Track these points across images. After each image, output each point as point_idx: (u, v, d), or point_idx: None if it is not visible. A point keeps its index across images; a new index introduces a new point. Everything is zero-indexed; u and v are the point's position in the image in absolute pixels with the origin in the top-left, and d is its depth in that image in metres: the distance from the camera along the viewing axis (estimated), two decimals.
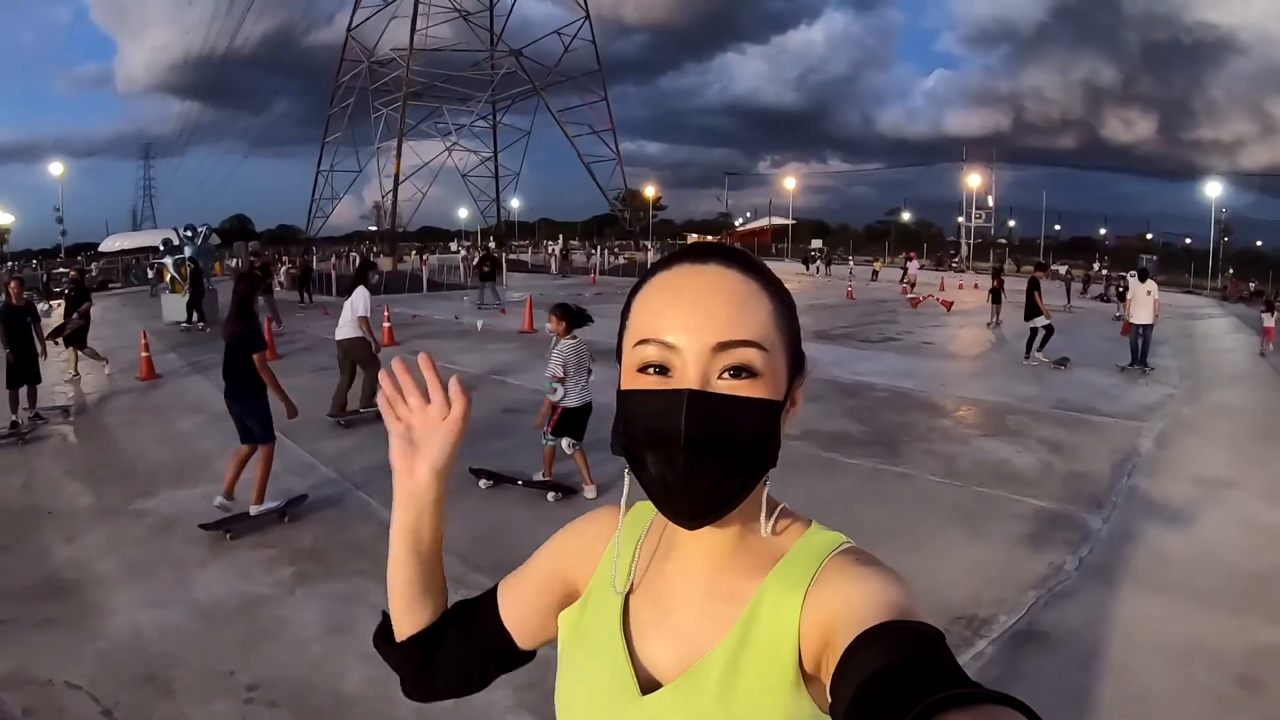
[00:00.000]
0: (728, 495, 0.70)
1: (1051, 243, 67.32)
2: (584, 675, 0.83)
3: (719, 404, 0.68)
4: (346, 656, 3.59)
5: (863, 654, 0.60)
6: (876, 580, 0.69)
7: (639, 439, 0.71)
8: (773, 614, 0.73)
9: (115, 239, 37.35)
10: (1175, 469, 6.89)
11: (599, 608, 0.85)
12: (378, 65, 53.15)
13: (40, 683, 3.45)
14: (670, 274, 0.74)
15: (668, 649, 0.78)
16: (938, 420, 8.42)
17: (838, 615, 0.67)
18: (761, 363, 0.70)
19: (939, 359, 13.01)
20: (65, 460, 7.08)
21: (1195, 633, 3.98)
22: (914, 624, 0.62)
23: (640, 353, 0.72)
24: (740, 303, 0.71)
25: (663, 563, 0.83)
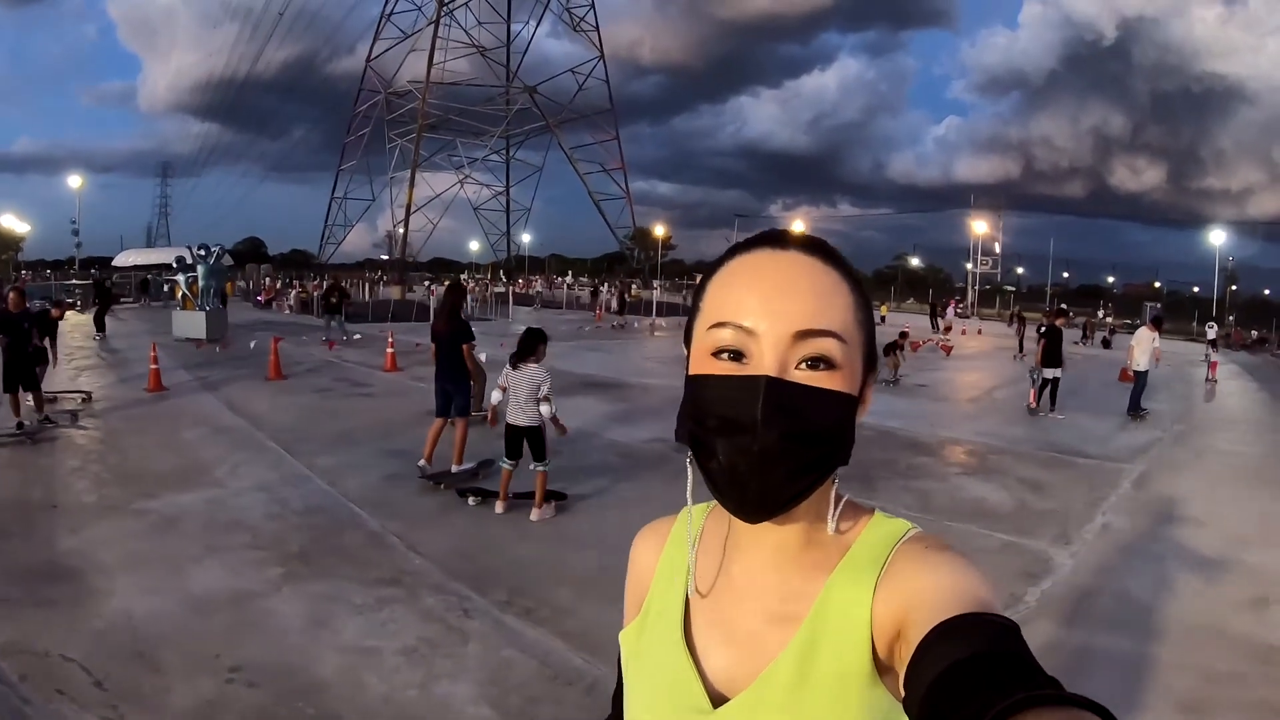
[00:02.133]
0: (799, 490, 0.68)
1: (1059, 290, 67.64)
2: (651, 691, 0.81)
3: (798, 394, 0.66)
4: (325, 648, 3.81)
5: (937, 648, 0.58)
6: (949, 569, 0.68)
7: (710, 426, 0.69)
8: (842, 610, 0.71)
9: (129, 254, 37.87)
10: (1150, 509, 7.01)
11: (660, 620, 0.83)
12: (395, 96, 54.28)
13: (37, 653, 3.68)
14: (750, 258, 0.72)
15: (735, 657, 0.76)
16: (919, 458, 8.59)
17: (910, 606, 0.66)
18: (841, 355, 0.68)
19: (931, 401, 13.17)
20: (72, 461, 7.33)
21: (1147, 667, 4.08)
22: (989, 616, 0.60)
23: (715, 336, 0.70)
24: (822, 292, 0.69)
25: (724, 567, 0.81)
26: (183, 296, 18.05)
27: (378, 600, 4.35)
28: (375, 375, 13.39)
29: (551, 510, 6.00)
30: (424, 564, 4.94)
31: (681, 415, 0.73)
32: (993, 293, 58.96)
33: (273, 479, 6.73)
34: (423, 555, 5.07)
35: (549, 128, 58.85)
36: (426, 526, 5.64)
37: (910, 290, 65.99)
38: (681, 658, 0.78)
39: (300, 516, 5.78)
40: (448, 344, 7.24)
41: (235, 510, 5.85)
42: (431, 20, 51.70)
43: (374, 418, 9.59)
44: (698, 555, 0.83)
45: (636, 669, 0.84)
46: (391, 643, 3.87)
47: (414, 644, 3.86)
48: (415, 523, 5.70)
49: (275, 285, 38.98)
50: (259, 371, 12.87)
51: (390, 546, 5.25)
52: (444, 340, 7.28)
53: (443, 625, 4.09)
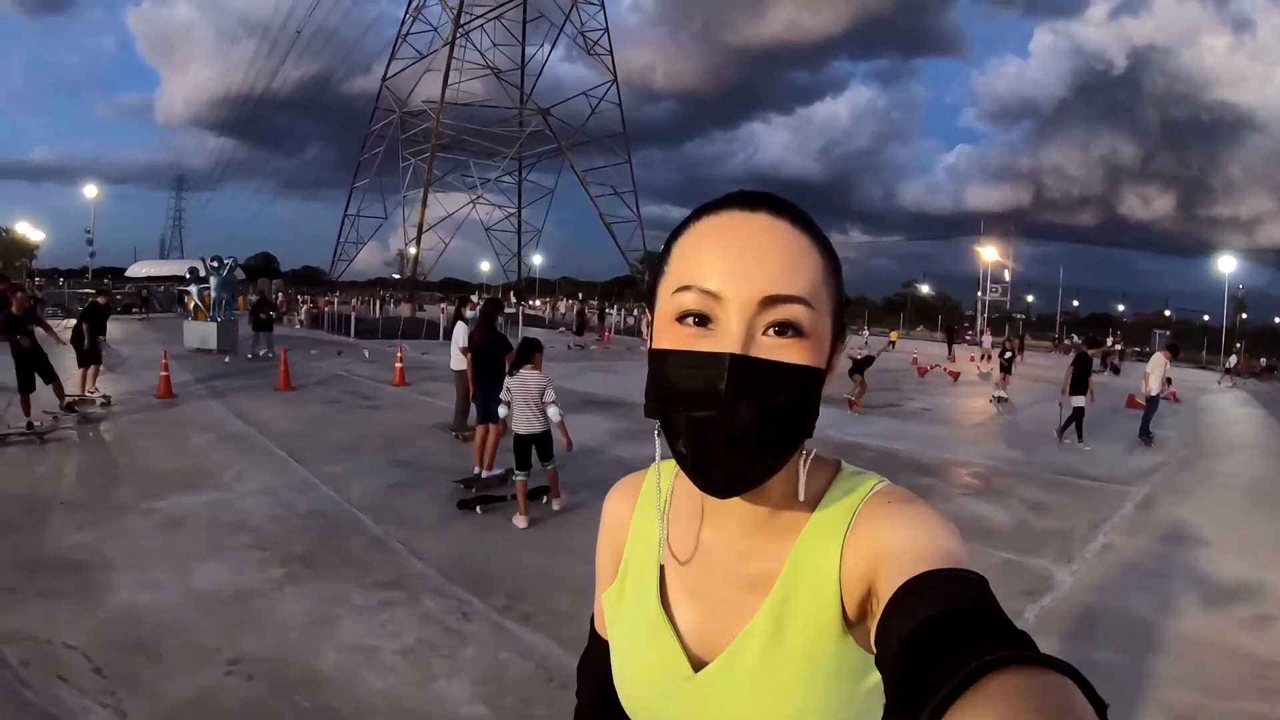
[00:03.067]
0: (765, 468, 0.68)
1: (1069, 318, 67.57)
2: (634, 654, 0.81)
3: (764, 370, 0.65)
4: (324, 645, 3.84)
5: (907, 605, 0.58)
6: (916, 522, 0.67)
7: (675, 403, 0.67)
8: (811, 568, 0.71)
9: (142, 265, 38.35)
10: (1152, 529, 6.99)
11: (636, 583, 0.84)
12: (409, 116, 54.84)
13: (39, 640, 3.74)
14: (717, 219, 0.70)
15: (711, 621, 0.77)
16: (921, 479, 8.57)
17: (879, 560, 0.66)
18: (809, 321, 0.67)
19: (935, 424, 13.15)
20: (81, 461, 7.42)
21: (1145, 681, 4.08)
22: (958, 571, 0.60)
23: (679, 300, 0.68)
24: (791, 256, 0.67)
25: (696, 528, 0.80)
26: (195, 307, 18.21)
27: (378, 602, 4.38)
28: (384, 389, 13.46)
29: (568, 497, 6.29)
30: (425, 568, 4.97)
31: (648, 390, 0.72)
32: (1002, 321, 58.83)
33: (278, 484, 6.78)
34: (424, 560, 5.10)
35: (561, 150, 59.30)
36: (429, 533, 5.67)
37: (920, 318, 66.00)
38: (660, 622, 0.79)
39: (304, 520, 5.82)
40: (485, 354, 7.65)
41: (240, 512, 5.90)
42: (447, 41, 52.32)
43: (380, 429, 9.65)
44: (669, 519, 0.83)
45: (619, 632, 0.85)
46: (390, 642, 3.89)
47: (412, 644, 3.89)
48: (418, 529, 5.73)
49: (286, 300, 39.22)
50: (268, 382, 12.97)
51: (392, 551, 5.28)
52: (481, 351, 7.72)
53: (441, 627, 4.11)
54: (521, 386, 5.90)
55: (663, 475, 0.86)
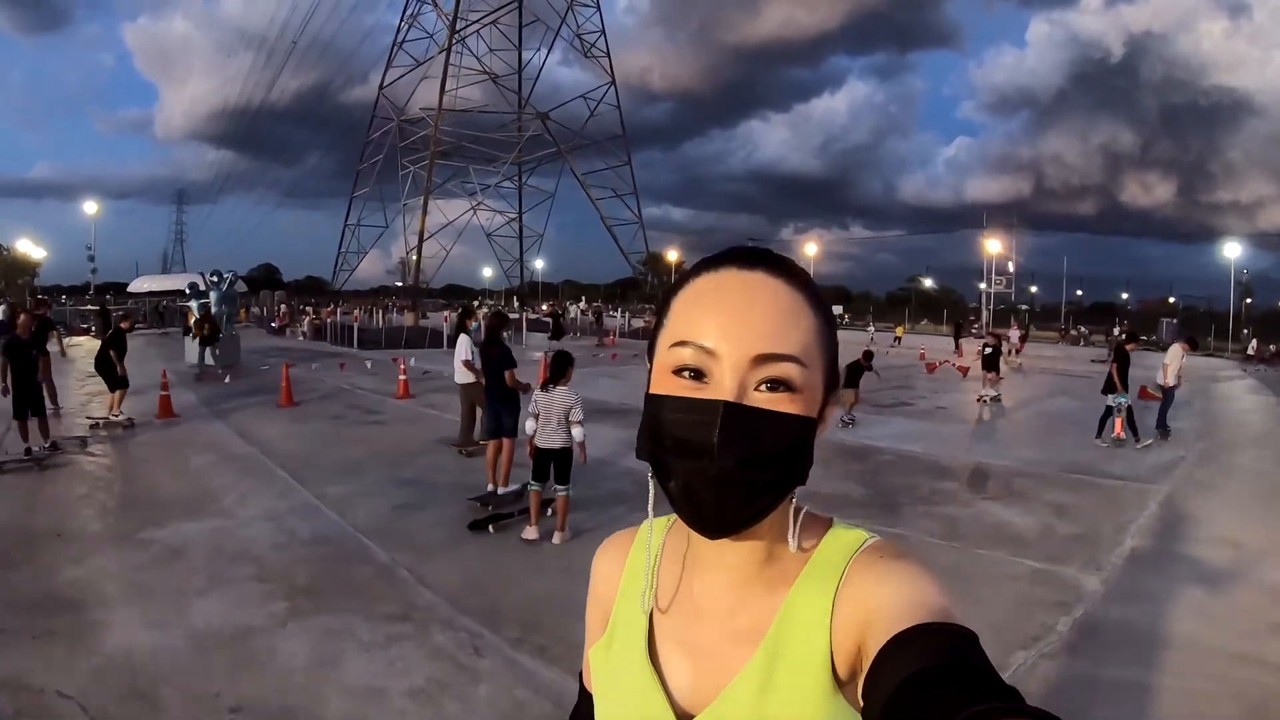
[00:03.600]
0: (756, 511, 0.68)
1: (1073, 308, 67.31)
2: (621, 707, 0.81)
3: (755, 418, 0.67)
4: (328, 687, 3.66)
5: (894, 659, 0.59)
6: (906, 578, 0.68)
7: (668, 447, 0.69)
8: (801, 624, 0.71)
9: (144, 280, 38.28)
10: (1179, 530, 6.82)
11: (624, 637, 0.83)
12: (407, 124, 54.75)
13: (33, 690, 3.57)
14: (715, 276, 0.72)
15: (699, 674, 0.76)
16: (941, 483, 8.39)
17: (869, 617, 0.66)
18: (800, 378, 0.68)
19: (951, 423, 12.94)
20: (78, 488, 7.25)
21: (1189, 694, 3.91)
22: (946, 625, 0.60)
23: (676, 354, 0.70)
24: (785, 315, 0.69)
25: (686, 581, 0.81)
26: (195, 322, 18.08)
27: (386, 637, 4.20)
28: (387, 402, 13.30)
29: (570, 533, 6.01)
30: (434, 598, 4.78)
31: (642, 433, 0.73)
32: (1007, 312, 58.57)
33: (281, 508, 6.60)
34: (432, 589, 4.92)
35: (561, 154, 59.16)
36: (437, 558, 5.49)
37: (924, 312, 65.76)
38: (646, 675, 0.78)
39: (308, 547, 5.65)
40: (493, 367, 7.43)
41: (242, 540, 5.73)
42: (443, 48, 52.23)
43: (385, 445, 9.48)
44: (660, 571, 0.84)
45: (605, 686, 0.84)
46: (399, 683, 3.71)
47: (422, 684, 3.70)
48: (426, 554, 5.55)
49: (289, 312, 39.14)
50: (270, 398, 12.81)
51: (400, 579, 5.10)
52: (491, 362, 7.49)
53: (453, 664, 3.92)
54: (549, 402, 5.87)
55: (654, 530, 0.86)
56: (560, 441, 5.87)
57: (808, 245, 70.64)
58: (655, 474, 0.72)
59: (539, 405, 5.92)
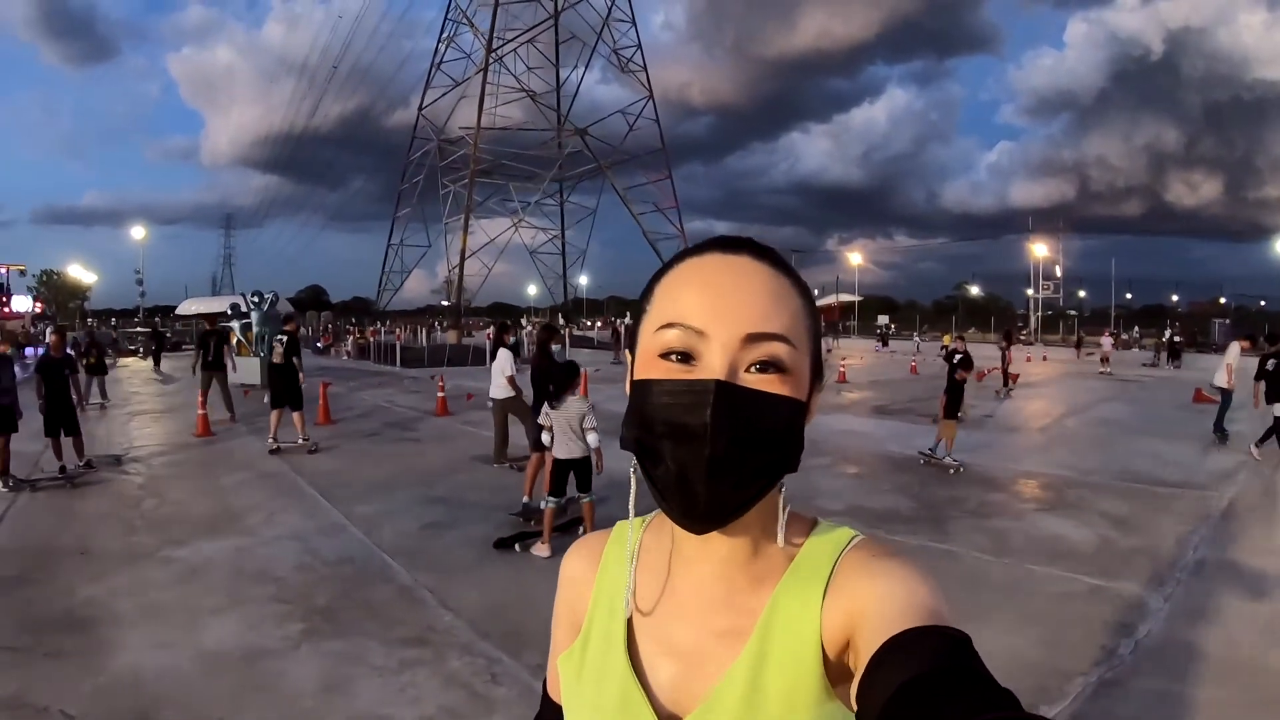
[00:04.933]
0: (747, 497, 0.67)
1: (1123, 311, 65.56)
2: (597, 716, 0.77)
3: (749, 398, 0.65)
4: (335, 715, 3.49)
5: (890, 663, 0.57)
6: (897, 578, 0.66)
7: (658, 432, 0.67)
8: (789, 622, 0.69)
9: (191, 303, 39.06)
10: (1246, 540, 6.39)
11: (601, 641, 0.80)
12: (447, 143, 55.36)
13: (37, 708, 3.52)
14: (700, 261, 0.71)
15: (683, 675, 0.73)
16: (991, 495, 8.01)
17: (861, 616, 0.65)
18: (790, 359, 0.67)
19: (999, 432, 12.46)
20: (107, 506, 7.26)
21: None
22: (939, 629, 0.59)
23: (662, 337, 0.68)
24: (772, 296, 0.68)
25: (666, 581, 0.78)
26: (237, 343, 18.31)
27: (400, 662, 4.02)
28: (425, 420, 13.25)
29: None
30: (454, 621, 4.60)
31: (627, 421, 0.71)
32: (1055, 318, 57.27)
33: (307, 527, 6.50)
34: (453, 611, 4.74)
35: (601, 169, 59.25)
36: (461, 579, 5.32)
37: (971, 320, 64.60)
38: (627, 679, 0.75)
39: (330, 567, 5.52)
40: (541, 381, 7.28)
41: (263, 560, 5.63)
42: (481, 68, 52.75)
43: (419, 464, 9.38)
44: (638, 572, 0.81)
45: (578, 694, 0.80)
46: (409, 711, 3.52)
47: (433, 713, 3.51)
48: (449, 575, 5.38)
49: (334, 331, 39.68)
50: (308, 417, 12.82)
51: (420, 601, 4.93)
52: (539, 377, 7.39)
53: (467, 692, 3.72)
54: (563, 413, 5.83)
55: (631, 528, 0.83)
56: (579, 451, 5.85)
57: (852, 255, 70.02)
58: (642, 463, 0.69)
59: (550, 417, 5.88)
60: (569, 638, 0.85)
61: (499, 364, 9.05)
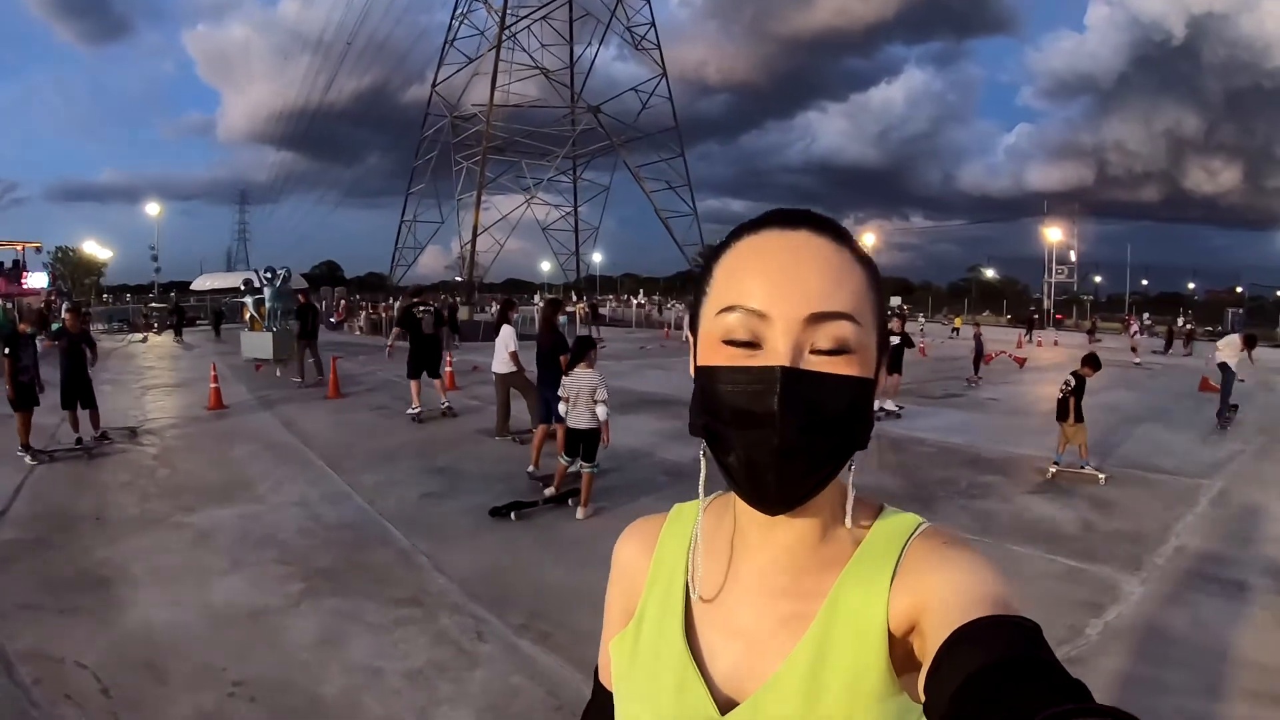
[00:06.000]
0: (819, 480, 0.66)
1: (1139, 298, 65.03)
2: (653, 701, 0.76)
3: (814, 382, 0.64)
4: (330, 666, 3.73)
5: (957, 654, 0.56)
6: (966, 566, 0.65)
7: (725, 420, 0.66)
8: (855, 608, 0.69)
9: (206, 278, 39.46)
10: (1229, 529, 6.49)
11: (657, 625, 0.79)
12: (460, 120, 55.13)
13: (54, 659, 3.75)
14: (757, 238, 0.69)
15: (743, 660, 0.73)
16: (982, 476, 8.14)
17: (929, 604, 0.64)
18: (856, 338, 0.65)
19: (999, 415, 12.52)
20: (122, 475, 7.51)
21: (1222, 710, 3.68)
22: (1009, 619, 0.58)
23: (723, 322, 0.67)
24: (834, 273, 0.66)
25: (728, 564, 0.77)
26: (250, 318, 18.57)
27: (394, 620, 4.25)
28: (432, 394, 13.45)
29: (592, 509, 6.29)
30: (447, 583, 4.83)
31: (694, 408, 0.70)
32: (1069, 302, 56.90)
33: (313, 495, 6.74)
34: (446, 574, 4.96)
35: (614, 147, 58.95)
36: (456, 545, 5.54)
37: (985, 302, 64.24)
38: (685, 662, 0.75)
39: (332, 532, 5.76)
40: (547, 354, 7.64)
41: (269, 525, 5.87)
42: (494, 45, 52.52)
43: (424, 436, 9.62)
44: (697, 553, 0.80)
45: (632, 678, 0.80)
46: (399, 664, 3.75)
47: (421, 666, 3.74)
48: (446, 541, 5.61)
49: (347, 307, 39.94)
50: (319, 390, 13.09)
51: (417, 565, 5.16)
52: (544, 351, 7.69)
53: (454, 648, 3.95)
54: (576, 384, 6.13)
55: (689, 511, 0.85)
56: (588, 422, 6.13)
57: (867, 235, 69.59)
58: (711, 449, 0.69)
59: (567, 389, 6.17)
60: (621, 622, 0.85)
61: (501, 339, 9.26)
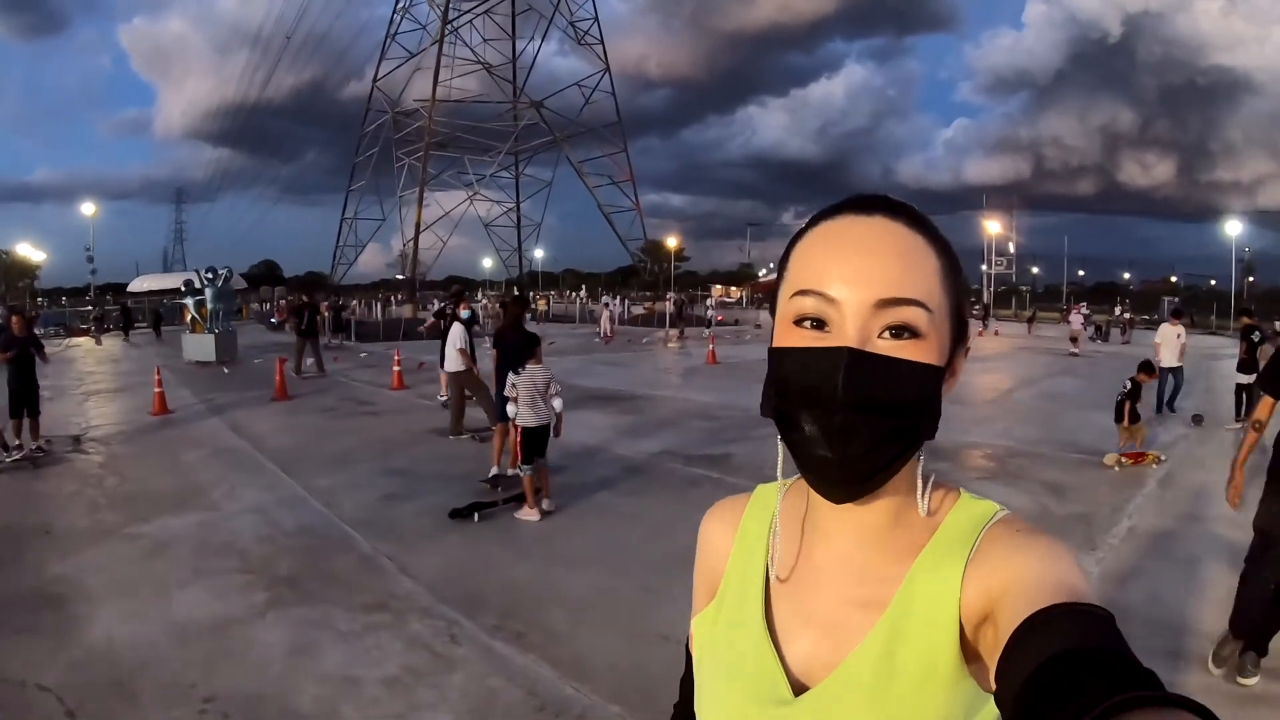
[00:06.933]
0: (881, 464, 0.66)
1: (1076, 289, 67.17)
2: (729, 679, 0.78)
3: (880, 365, 0.65)
4: (304, 677, 3.66)
5: (1030, 641, 0.56)
6: (1041, 554, 0.65)
7: (793, 399, 0.67)
8: (929, 595, 0.69)
9: (143, 280, 38.22)
10: (1177, 509, 6.74)
11: (738, 605, 0.81)
12: (402, 116, 54.32)
13: (13, 683, 3.60)
14: (834, 224, 0.70)
15: (817, 644, 0.74)
16: (933, 464, 7.94)
17: (1001, 592, 0.64)
18: (925, 323, 0.66)
19: (947, 404, 12.71)
20: (69, 485, 7.27)
21: (1185, 680, 3.83)
22: (1083, 606, 0.58)
23: (797, 304, 0.69)
24: (905, 258, 0.67)
25: (806, 548, 0.79)
26: (192, 320, 18.08)
27: (364, 626, 4.20)
28: (381, 393, 13.31)
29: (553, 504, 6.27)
30: (414, 586, 4.78)
31: (766, 388, 0.71)
32: (1008, 294, 58.45)
33: (268, 500, 6.60)
34: (413, 577, 4.91)
35: (557, 142, 58.72)
36: (420, 547, 5.49)
37: None
38: (763, 644, 0.76)
39: (292, 538, 5.65)
40: (511, 353, 7.27)
41: (227, 533, 5.73)
42: (436, 39, 51.88)
43: (376, 436, 9.48)
44: (777, 535, 0.82)
45: (712, 655, 0.82)
46: (374, 671, 3.70)
47: (397, 673, 3.70)
48: (408, 544, 5.54)
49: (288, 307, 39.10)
50: (266, 393, 12.80)
51: (381, 569, 5.09)
52: (508, 348, 7.33)
53: (428, 652, 3.92)
54: (530, 381, 6.06)
55: (769, 493, 0.86)
56: (539, 418, 6.06)
57: None
58: (780, 428, 0.70)
59: (517, 387, 6.05)
60: (706, 599, 0.87)
61: (451, 337, 9.20)
